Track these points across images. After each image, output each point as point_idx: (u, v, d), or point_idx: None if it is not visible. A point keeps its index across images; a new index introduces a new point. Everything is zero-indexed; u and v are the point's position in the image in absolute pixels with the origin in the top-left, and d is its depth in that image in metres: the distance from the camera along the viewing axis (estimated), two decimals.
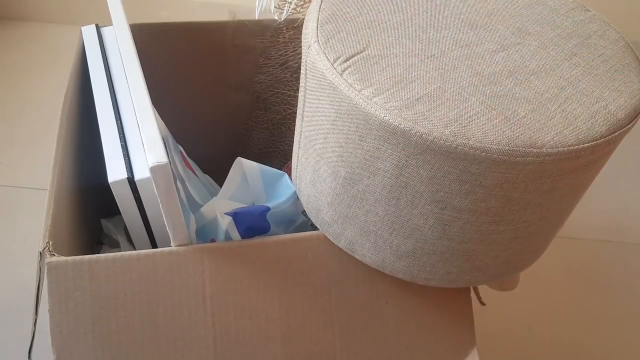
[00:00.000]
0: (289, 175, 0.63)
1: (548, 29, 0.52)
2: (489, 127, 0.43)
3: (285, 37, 0.82)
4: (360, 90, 0.44)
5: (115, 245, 0.70)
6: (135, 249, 0.62)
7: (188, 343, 0.53)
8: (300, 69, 0.52)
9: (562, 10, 0.54)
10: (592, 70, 0.49)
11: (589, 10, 0.55)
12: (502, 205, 0.45)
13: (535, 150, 0.42)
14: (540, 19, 0.53)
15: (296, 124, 0.56)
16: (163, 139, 0.50)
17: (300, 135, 0.54)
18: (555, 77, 0.48)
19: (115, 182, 0.54)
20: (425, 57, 0.47)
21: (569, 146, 0.43)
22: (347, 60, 0.46)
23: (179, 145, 0.72)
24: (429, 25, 0.51)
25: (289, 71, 0.84)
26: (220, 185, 0.67)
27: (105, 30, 0.72)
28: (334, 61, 0.46)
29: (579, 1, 0.56)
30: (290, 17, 0.77)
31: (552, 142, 0.42)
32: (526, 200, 0.45)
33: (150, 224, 0.59)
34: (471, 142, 0.41)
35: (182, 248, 0.53)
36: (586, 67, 0.49)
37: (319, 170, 0.52)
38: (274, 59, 0.84)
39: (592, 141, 0.43)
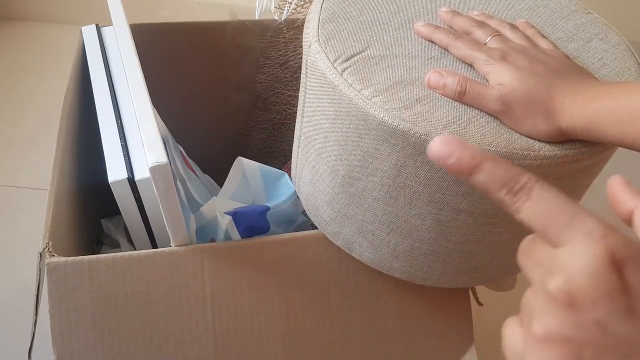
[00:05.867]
0: (289, 175, 0.63)
1: (549, 31, 0.52)
2: (488, 129, 0.43)
3: (285, 37, 0.82)
4: (360, 90, 0.44)
5: (115, 245, 0.70)
6: (135, 249, 0.62)
7: (188, 343, 0.53)
8: (300, 69, 0.52)
9: (564, 12, 0.54)
10: (593, 74, 0.49)
11: (591, 13, 0.54)
12: (499, 207, 0.45)
13: (533, 154, 0.42)
14: (541, 21, 0.53)
15: (296, 122, 0.56)
16: (163, 139, 0.50)
17: (300, 133, 0.54)
18: None
19: (116, 182, 0.54)
20: (426, 59, 0.47)
21: (567, 149, 0.43)
22: (347, 60, 0.46)
23: (179, 145, 0.72)
24: None
25: (289, 71, 0.84)
26: (221, 185, 0.67)
27: (105, 30, 0.73)
28: (335, 61, 0.46)
29: (581, 3, 0.55)
30: (290, 17, 0.77)
31: (550, 145, 0.42)
32: None
33: (150, 224, 0.59)
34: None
35: (182, 248, 0.53)
36: None
37: (318, 169, 0.52)
38: (274, 59, 0.84)
39: (591, 145, 0.43)
